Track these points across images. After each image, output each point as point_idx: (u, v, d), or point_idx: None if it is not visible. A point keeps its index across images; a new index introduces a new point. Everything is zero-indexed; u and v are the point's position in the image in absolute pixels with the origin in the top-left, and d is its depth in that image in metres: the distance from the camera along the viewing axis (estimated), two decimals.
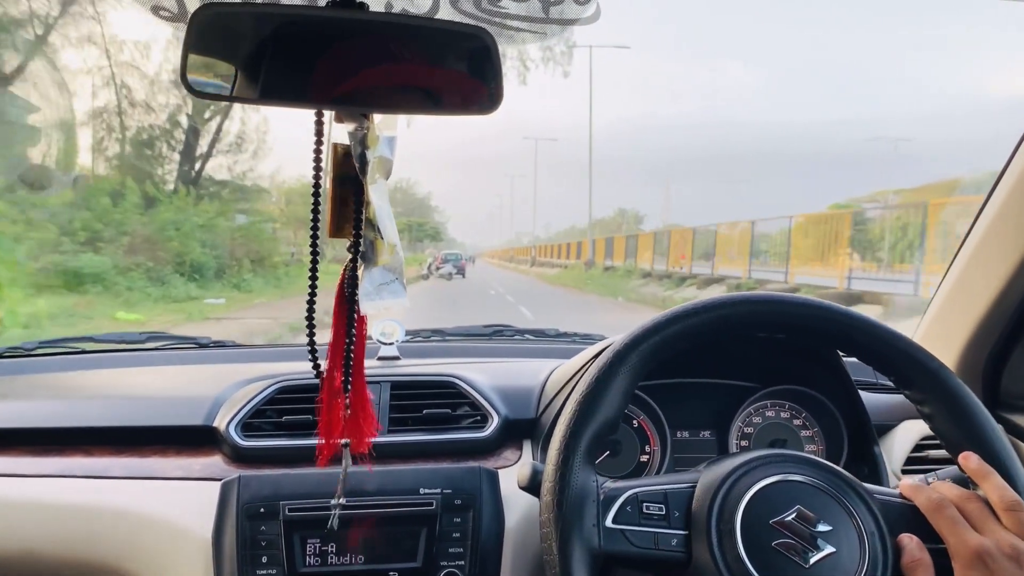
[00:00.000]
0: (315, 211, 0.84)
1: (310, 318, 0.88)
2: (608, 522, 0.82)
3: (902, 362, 0.92)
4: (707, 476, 0.87)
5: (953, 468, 0.99)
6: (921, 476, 1.14)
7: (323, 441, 0.92)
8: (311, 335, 0.89)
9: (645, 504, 0.84)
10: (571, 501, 0.82)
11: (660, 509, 0.84)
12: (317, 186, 0.84)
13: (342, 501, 1.01)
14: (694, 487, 0.86)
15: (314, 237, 0.86)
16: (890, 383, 0.97)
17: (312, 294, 0.88)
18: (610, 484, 0.86)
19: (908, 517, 0.85)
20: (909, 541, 0.81)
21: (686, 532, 0.83)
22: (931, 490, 0.84)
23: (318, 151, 0.80)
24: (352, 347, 0.90)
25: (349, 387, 0.91)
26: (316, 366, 0.90)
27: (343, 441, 0.93)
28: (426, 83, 0.80)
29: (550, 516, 0.82)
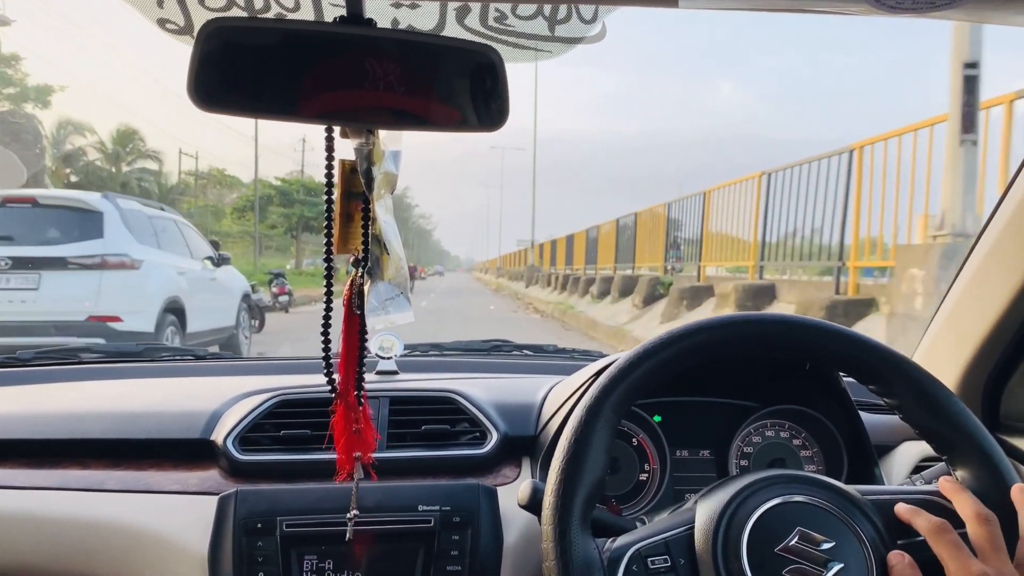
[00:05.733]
0: (328, 226, 0.84)
1: (325, 334, 0.88)
2: None
3: (864, 358, 0.92)
4: (703, 513, 0.85)
5: (940, 465, 0.98)
6: (907, 478, 1.15)
7: (342, 456, 0.93)
8: (326, 351, 0.89)
9: (650, 560, 0.82)
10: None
11: (665, 561, 0.82)
12: (329, 201, 0.84)
13: (355, 513, 1.02)
14: (692, 528, 0.85)
15: (328, 252, 0.86)
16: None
17: (327, 310, 0.88)
18: (610, 545, 0.84)
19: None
20: (900, 559, 0.80)
21: None
22: (929, 514, 0.83)
23: (329, 166, 0.81)
24: (363, 363, 0.90)
25: (361, 402, 0.92)
26: (331, 382, 0.90)
27: (355, 455, 0.94)
28: (431, 100, 0.80)
29: None
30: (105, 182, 37.67)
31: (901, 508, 0.85)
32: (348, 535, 1.03)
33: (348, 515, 1.02)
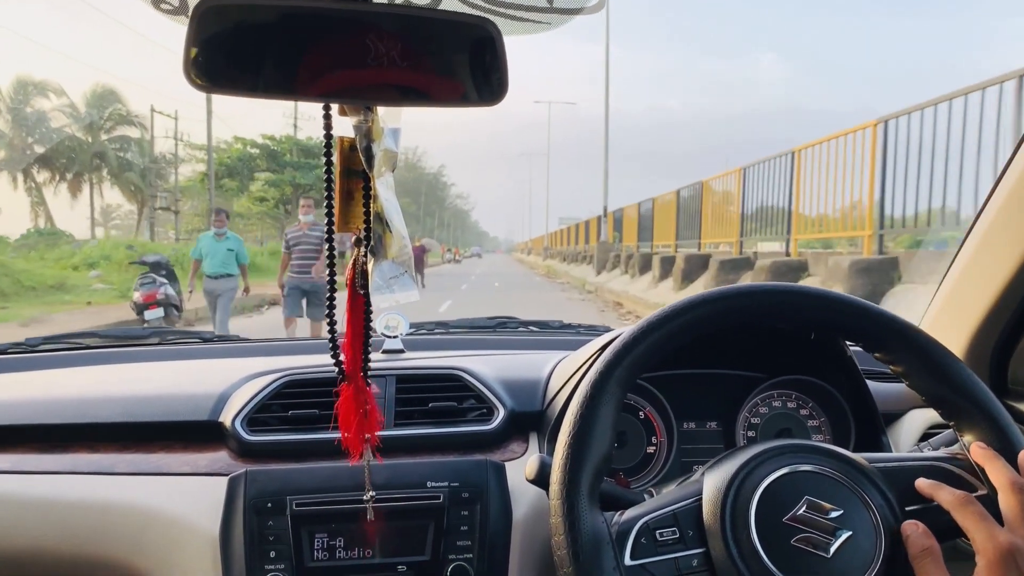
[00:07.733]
0: (329, 205, 0.84)
1: (331, 315, 0.88)
2: (627, 560, 0.81)
3: (869, 326, 0.92)
4: (710, 484, 0.85)
5: (948, 432, 0.97)
6: (915, 446, 1.15)
7: (353, 437, 0.93)
8: (332, 332, 0.89)
9: (658, 532, 0.82)
10: (587, 550, 0.80)
11: (673, 532, 0.82)
12: (329, 179, 0.83)
13: (372, 495, 1.03)
14: (700, 499, 0.85)
15: (330, 231, 0.86)
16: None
17: (332, 290, 0.88)
18: (618, 518, 0.84)
19: (912, 483, 0.85)
20: (915, 528, 0.79)
21: (704, 549, 0.82)
22: (951, 487, 0.82)
23: (328, 144, 0.80)
24: (369, 343, 0.90)
25: (369, 383, 0.92)
26: (339, 363, 0.90)
27: (366, 436, 0.94)
28: (430, 75, 0.79)
29: (569, 571, 0.80)
30: (77, 153, 33.46)
31: (922, 483, 0.84)
32: (369, 515, 1.04)
33: (365, 496, 1.03)
